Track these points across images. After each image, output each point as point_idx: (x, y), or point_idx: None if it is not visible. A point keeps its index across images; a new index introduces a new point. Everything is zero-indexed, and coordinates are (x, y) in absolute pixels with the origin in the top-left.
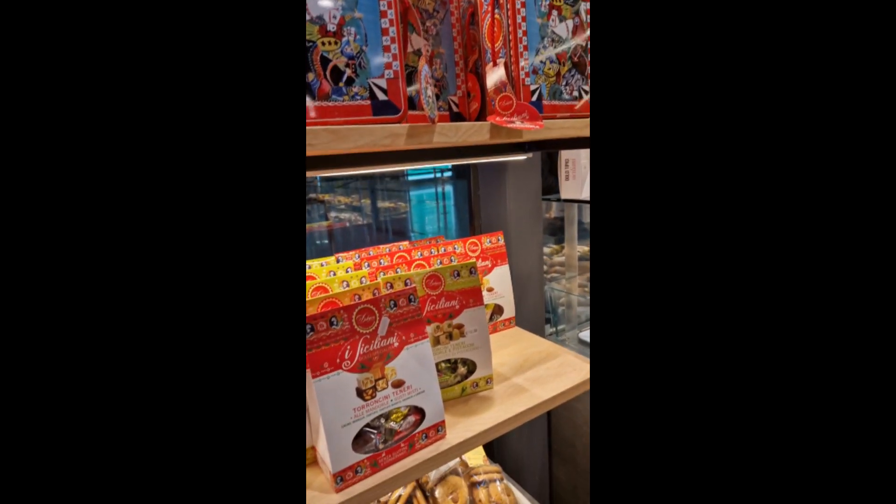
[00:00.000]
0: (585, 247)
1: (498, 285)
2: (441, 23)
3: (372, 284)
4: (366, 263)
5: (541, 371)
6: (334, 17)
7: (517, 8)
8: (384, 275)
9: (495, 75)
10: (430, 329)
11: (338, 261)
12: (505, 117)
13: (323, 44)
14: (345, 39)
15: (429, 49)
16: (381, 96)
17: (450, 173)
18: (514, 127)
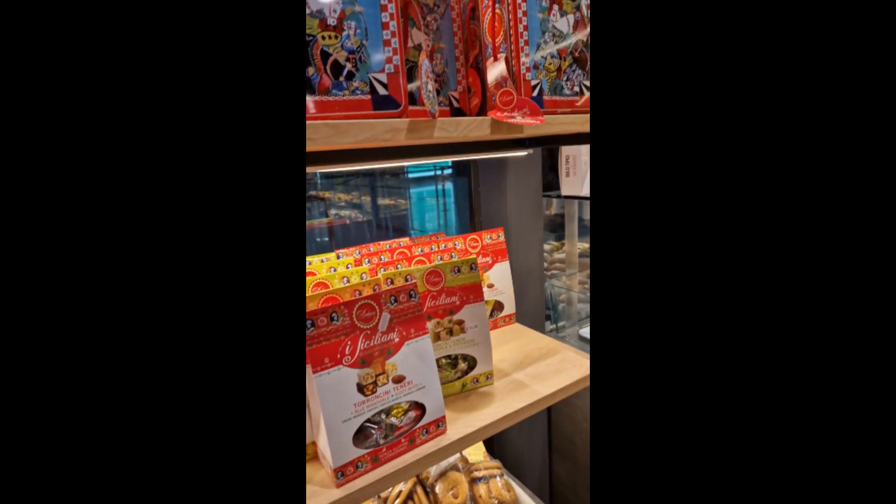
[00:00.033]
0: (586, 243)
1: (498, 282)
2: (442, 17)
3: (372, 280)
4: (366, 260)
5: (541, 367)
6: (334, 12)
7: (518, 3)
8: (384, 271)
9: (496, 70)
10: (430, 325)
11: (338, 257)
12: (506, 112)
13: (323, 38)
14: (345, 34)
15: (429, 44)
16: (382, 91)
17: (450, 170)
18: (515, 122)
